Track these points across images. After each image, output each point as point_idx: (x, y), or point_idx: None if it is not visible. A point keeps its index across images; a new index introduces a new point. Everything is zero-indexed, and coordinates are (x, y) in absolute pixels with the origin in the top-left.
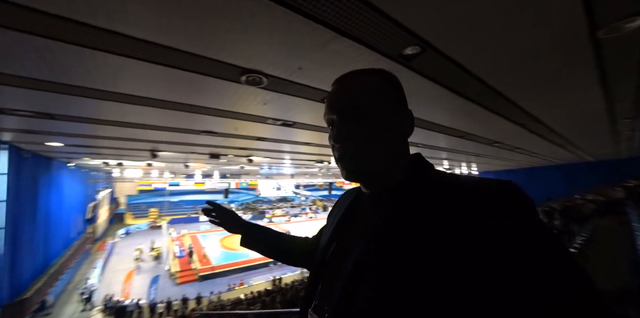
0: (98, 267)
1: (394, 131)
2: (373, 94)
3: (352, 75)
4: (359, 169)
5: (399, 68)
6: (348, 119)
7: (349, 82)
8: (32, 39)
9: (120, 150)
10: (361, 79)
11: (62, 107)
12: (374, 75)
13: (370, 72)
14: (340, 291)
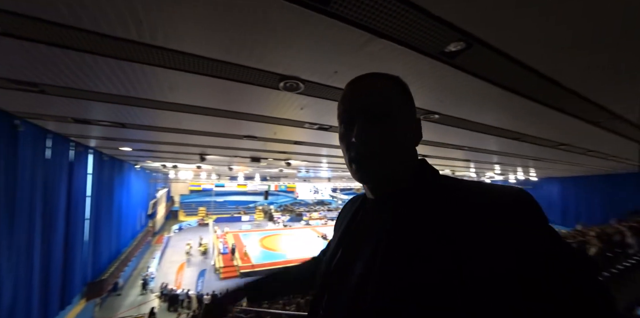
0: (156, 257)
1: (409, 136)
2: (394, 97)
3: (369, 77)
4: (377, 171)
5: (440, 67)
6: (371, 118)
7: (369, 82)
8: (107, 61)
9: (175, 153)
10: (380, 82)
11: (130, 117)
12: (390, 79)
13: (385, 77)
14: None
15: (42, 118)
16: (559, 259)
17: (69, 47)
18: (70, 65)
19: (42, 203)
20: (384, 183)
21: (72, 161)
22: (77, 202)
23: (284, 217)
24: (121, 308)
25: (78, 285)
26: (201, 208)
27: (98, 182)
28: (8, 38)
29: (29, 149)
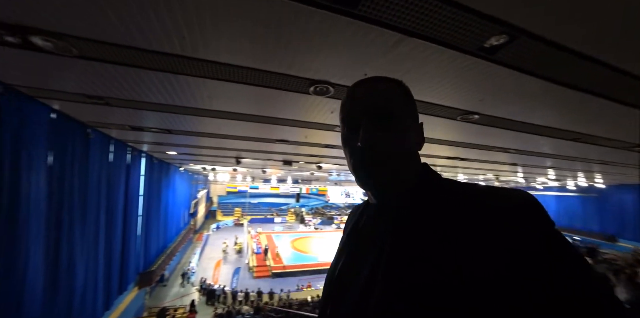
0: (197, 253)
1: (413, 140)
2: (399, 101)
3: (372, 80)
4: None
5: (479, 63)
6: (376, 122)
7: (373, 85)
8: (157, 74)
9: (214, 157)
10: (384, 84)
11: (175, 124)
12: (393, 83)
13: (388, 80)
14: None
15: (107, 126)
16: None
17: (127, 64)
18: (128, 80)
19: (106, 201)
20: (387, 188)
21: (129, 164)
22: (132, 200)
23: (315, 220)
24: (167, 297)
25: (132, 274)
26: (237, 209)
27: (149, 183)
28: (82, 60)
29: (97, 153)
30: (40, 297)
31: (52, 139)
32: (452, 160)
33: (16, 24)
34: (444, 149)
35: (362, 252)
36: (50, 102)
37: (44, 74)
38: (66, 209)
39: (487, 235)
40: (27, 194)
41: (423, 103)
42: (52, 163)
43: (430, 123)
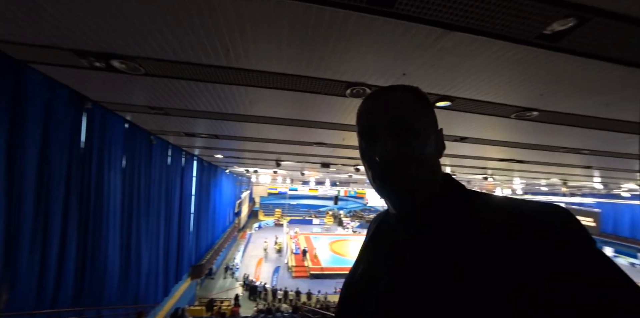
0: (240, 251)
1: (433, 149)
2: (416, 110)
3: (388, 90)
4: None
5: (538, 53)
6: (393, 134)
7: (389, 96)
8: (206, 85)
9: (255, 160)
10: (400, 94)
11: (221, 129)
12: (410, 91)
13: (404, 89)
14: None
15: (166, 133)
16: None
17: (182, 78)
18: (182, 92)
19: (165, 199)
20: (407, 200)
21: (183, 166)
22: (186, 199)
23: (353, 223)
24: (214, 290)
25: (186, 266)
26: (277, 210)
27: (199, 183)
28: (148, 77)
29: (158, 157)
30: (117, 282)
31: (125, 145)
32: (507, 163)
33: (102, 52)
34: (496, 150)
35: (382, 261)
36: (124, 114)
37: (119, 91)
38: (135, 206)
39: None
40: (108, 191)
41: (470, 101)
42: (125, 166)
43: (480, 122)
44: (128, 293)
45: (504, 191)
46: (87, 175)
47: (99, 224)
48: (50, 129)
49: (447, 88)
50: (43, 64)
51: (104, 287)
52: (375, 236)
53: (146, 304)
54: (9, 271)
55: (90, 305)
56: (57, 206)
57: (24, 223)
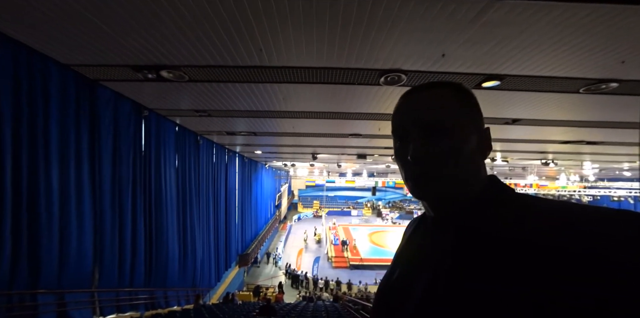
0: (282, 241)
1: (473, 150)
2: (453, 109)
3: (425, 87)
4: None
5: (616, 11)
6: (429, 133)
7: (426, 94)
8: (242, 86)
9: (292, 154)
10: (439, 92)
11: (259, 126)
12: (451, 88)
13: (445, 86)
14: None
15: (210, 133)
16: None
17: (221, 81)
18: (222, 93)
19: (212, 194)
20: (441, 203)
21: (227, 163)
22: (230, 193)
23: (393, 214)
24: (259, 277)
25: (234, 255)
26: (315, 202)
27: (242, 178)
28: (191, 83)
29: (205, 155)
30: (177, 268)
31: (177, 145)
32: (573, 145)
33: (153, 64)
34: (558, 132)
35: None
36: (174, 119)
37: (169, 98)
38: (188, 200)
39: (585, 274)
40: (166, 188)
41: (524, 78)
42: (177, 164)
43: (537, 101)
44: (187, 277)
45: (570, 177)
46: (148, 174)
47: (160, 216)
48: (118, 134)
49: (495, 66)
50: (109, 81)
51: (167, 271)
52: (412, 239)
53: (202, 288)
54: (98, 256)
55: (157, 286)
56: (127, 201)
57: (105, 217)
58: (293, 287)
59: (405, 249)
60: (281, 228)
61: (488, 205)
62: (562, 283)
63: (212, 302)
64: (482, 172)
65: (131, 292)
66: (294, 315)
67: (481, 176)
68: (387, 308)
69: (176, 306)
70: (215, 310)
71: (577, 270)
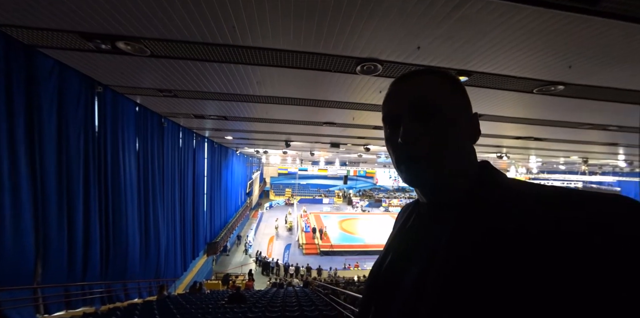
0: (253, 229)
1: (464, 134)
2: (443, 93)
3: (414, 74)
4: (425, 175)
5: (570, 19)
6: (419, 116)
7: (416, 80)
8: (212, 65)
9: (265, 140)
10: (429, 77)
11: (230, 111)
12: (440, 75)
13: (431, 72)
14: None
15: (176, 116)
16: None
17: (188, 58)
18: (190, 73)
19: (179, 180)
20: (434, 188)
21: (195, 148)
22: (199, 180)
23: (363, 202)
24: (229, 265)
25: (202, 243)
26: (287, 190)
27: (211, 165)
28: (154, 58)
29: (170, 139)
30: (138, 258)
31: (138, 127)
32: (524, 140)
33: (107, 33)
34: (513, 128)
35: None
36: (134, 97)
37: (127, 74)
38: (151, 186)
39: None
40: (124, 172)
41: (489, 76)
42: (138, 148)
43: (498, 98)
44: (149, 268)
45: (518, 170)
46: (104, 158)
47: (119, 204)
48: (64, 111)
49: (465, 62)
50: (51, 48)
51: (127, 262)
52: (404, 226)
53: (167, 278)
54: (41, 248)
55: (116, 279)
56: (78, 188)
57: (49, 206)
58: (264, 274)
59: (398, 236)
60: (252, 216)
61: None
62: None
63: (177, 293)
64: (473, 157)
65: (84, 286)
66: (264, 301)
67: (473, 161)
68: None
69: (137, 298)
70: (181, 300)
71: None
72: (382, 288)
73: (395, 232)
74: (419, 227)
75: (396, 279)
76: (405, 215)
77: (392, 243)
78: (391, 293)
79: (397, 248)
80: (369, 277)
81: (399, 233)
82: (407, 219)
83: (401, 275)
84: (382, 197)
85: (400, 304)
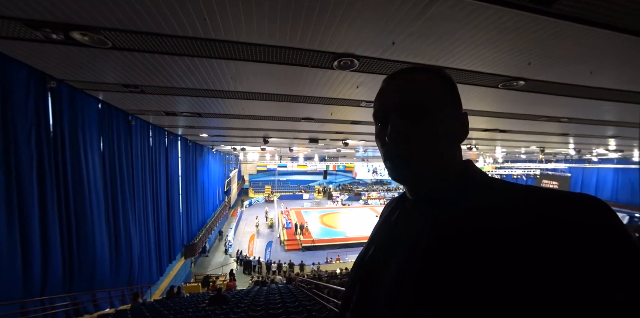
0: (232, 228)
1: (451, 133)
2: (433, 92)
3: (407, 71)
4: (413, 171)
5: (530, 19)
6: (407, 115)
7: (407, 78)
8: (183, 59)
9: (242, 137)
10: (420, 76)
11: (204, 107)
12: (432, 73)
13: (424, 70)
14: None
15: (145, 113)
16: None
17: (156, 52)
18: (158, 67)
19: (151, 181)
20: (421, 185)
21: (167, 147)
22: (173, 180)
23: (343, 196)
24: (209, 266)
25: (179, 246)
26: (267, 187)
27: (185, 164)
28: (116, 51)
29: (139, 138)
30: (108, 266)
31: (101, 126)
32: (490, 133)
33: (59, 22)
34: (481, 121)
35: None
36: (96, 94)
37: (86, 68)
38: (119, 189)
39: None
40: (87, 174)
41: (459, 71)
42: (103, 148)
43: (467, 93)
44: (121, 275)
45: (486, 160)
46: (62, 160)
47: (83, 209)
48: (9, 109)
49: (437, 58)
50: None
51: (95, 271)
52: (388, 219)
53: (142, 285)
54: None
55: (83, 290)
56: (32, 193)
57: None
58: (245, 273)
59: (382, 228)
60: (231, 214)
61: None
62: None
63: (154, 299)
64: (459, 156)
65: (44, 300)
66: (246, 301)
67: (458, 160)
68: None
69: (108, 308)
70: (158, 306)
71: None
72: (365, 278)
73: (379, 225)
74: (403, 220)
75: (379, 270)
76: (390, 209)
77: (375, 236)
78: (374, 284)
79: (380, 240)
80: (353, 269)
81: (383, 226)
82: (392, 213)
83: (384, 266)
84: (362, 190)
85: (382, 293)
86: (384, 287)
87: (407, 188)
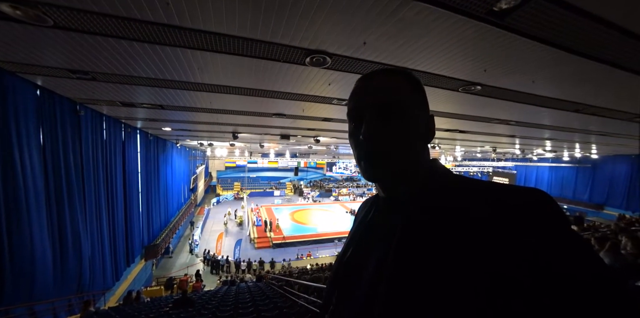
0: (199, 227)
1: (420, 135)
2: (405, 94)
3: (380, 73)
4: (385, 171)
5: (486, 30)
6: (380, 115)
7: (381, 79)
8: (143, 46)
9: (210, 132)
10: (392, 78)
11: (168, 99)
12: (403, 75)
13: (396, 72)
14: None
15: (97, 103)
16: (577, 258)
17: (109, 35)
18: (112, 52)
19: (105, 177)
20: (393, 183)
21: (124, 141)
22: (131, 177)
23: (314, 193)
24: (173, 268)
25: (138, 248)
26: (236, 184)
27: (146, 159)
28: (59, 30)
29: (90, 131)
30: (51, 270)
31: (40, 116)
32: (451, 133)
33: None
34: (443, 121)
35: (370, 244)
36: (34, 78)
37: (20, 48)
38: (65, 187)
39: (503, 234)
40: (23, 170)
41: (426, 74)
42: (43, 141)
43: (431, 95)
44: (68, 282)
45: (447, 158)
46: None
47: (17, 211)
48: None
49: (405, 60)
50: None
51: (33, 279)
52: (364, 219)
53: (94, 291)
54: None
55: (18, 302)
56: None
57: None
58: (213, 274)
59: (359, 229)
60: (198, 212)
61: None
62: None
63: (108, 306)
64: (427, 155)
65: None
66: (214, 302)
67: (426, 158)
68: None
69: None
70: (113, 314)
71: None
72: (345, 277)
73: (356, 225)
74: (378, 219)
75: (358, 268)
76: (365, 210)
77: (353, 236)
78: (354, 281)
79: (358, 240)
80: (333, 269)
81: (359, 226)
82: (367, 213)
83: (362, 265)
84: (332, 187)
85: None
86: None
87: (381, 187)
